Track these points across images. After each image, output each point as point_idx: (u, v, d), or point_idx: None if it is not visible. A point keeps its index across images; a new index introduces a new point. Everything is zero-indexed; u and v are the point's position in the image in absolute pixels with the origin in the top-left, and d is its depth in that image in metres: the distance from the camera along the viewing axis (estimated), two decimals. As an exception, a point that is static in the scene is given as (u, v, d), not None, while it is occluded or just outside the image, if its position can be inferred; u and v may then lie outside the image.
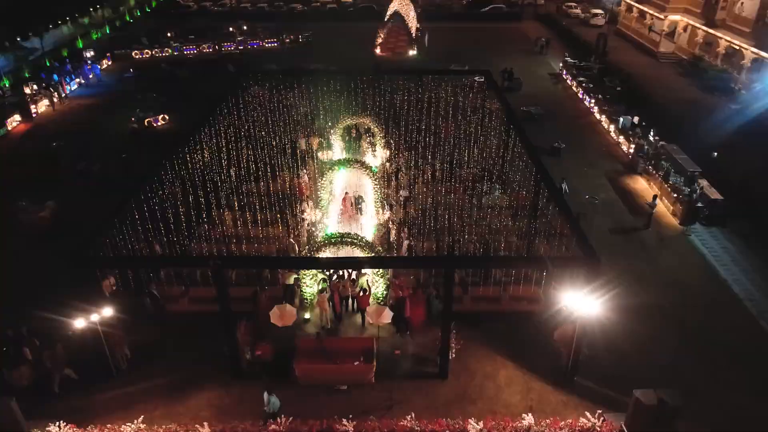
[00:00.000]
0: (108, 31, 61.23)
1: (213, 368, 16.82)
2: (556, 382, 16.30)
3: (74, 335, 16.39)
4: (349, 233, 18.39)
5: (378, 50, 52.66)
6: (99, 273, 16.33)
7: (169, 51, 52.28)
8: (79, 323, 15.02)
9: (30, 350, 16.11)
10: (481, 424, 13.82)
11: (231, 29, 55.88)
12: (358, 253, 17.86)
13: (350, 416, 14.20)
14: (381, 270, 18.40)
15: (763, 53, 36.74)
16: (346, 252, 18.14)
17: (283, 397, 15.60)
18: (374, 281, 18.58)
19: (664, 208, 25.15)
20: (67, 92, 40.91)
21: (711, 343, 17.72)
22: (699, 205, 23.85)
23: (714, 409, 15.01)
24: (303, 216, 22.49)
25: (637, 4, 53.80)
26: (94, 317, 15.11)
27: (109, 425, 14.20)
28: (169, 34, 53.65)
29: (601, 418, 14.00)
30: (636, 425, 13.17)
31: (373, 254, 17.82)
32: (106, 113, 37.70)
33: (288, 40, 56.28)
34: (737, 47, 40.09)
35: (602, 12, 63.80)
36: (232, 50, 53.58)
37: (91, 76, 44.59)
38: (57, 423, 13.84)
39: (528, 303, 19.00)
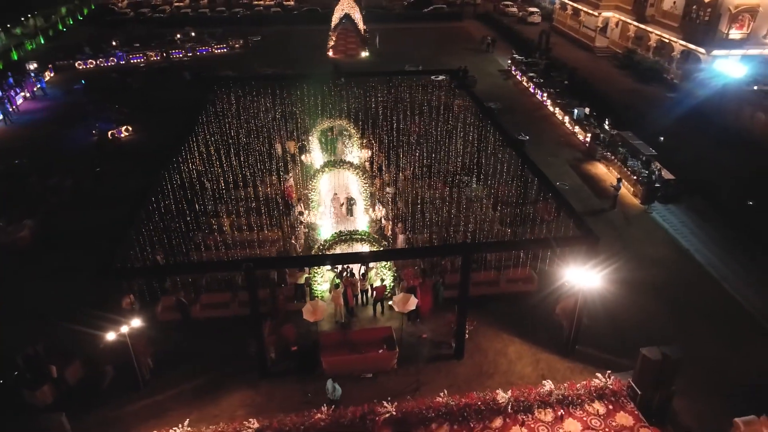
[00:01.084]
0: (42, 41, 58.46)
1: (238, 370, 17.26)
2: (560, 352, 17.91)
3: (93, 349, 16.47)
4: (357, 230, 19.28)
5: (330, 53, 53.35)
6: (123, 286, 16.40)
7: (115, 60, 50.71)
8: (110, 336, 15.11)
9: (55, 368, 15.96)
10: (509, 393, 15.12)
11: (179, 36, 54.80)
12: (367, 248, 18.78)
13: (388, 398, 15.12)
14: (389, 263, 19.39)
15: (691, 45, 40.48)
16: (355, 248, 19.03)
17: (316, 390, 16.40)
18: (382, 274, 19.54)
19: (625, 190, 27.54)
20: (15, 107, 39.06)
21: (684, 305, 19.92)
22: (656, 185, 26.35)
23: (695, 362, 17.02)
24: (300, 219, 23.06)
25: (571, 3, 57.28)
26: (124, 329, 15.25)
27: (155, 431, 14.41)
28: (114, 43, 51.94)
29: (611, 378, 15.67)
30: (643, 380, 14.89)
31: (381, 248, 18.81)
32: (61, 127, 36.38)
33: (237, 45, 55.93)
34: (667, 40, 43.87)
35: (538, 10, 67.33)
36: (182, 57, 52.66)
37: (36, 89, 42.68)
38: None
39: (523, 284, 20.62)
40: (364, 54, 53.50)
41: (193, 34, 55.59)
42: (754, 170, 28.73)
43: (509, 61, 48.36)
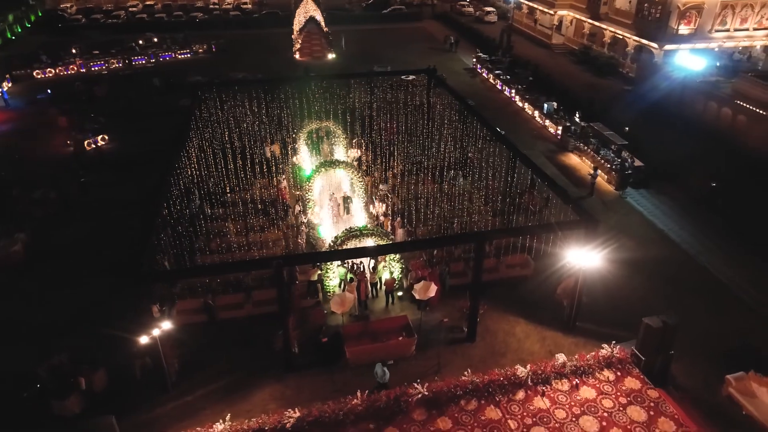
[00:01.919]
0: (-8, 51, 56.02)
1: (263, 366, 17.77)
2: (563, 328, 19.29)
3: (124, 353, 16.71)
4: (366, 226, 20.11)
5: (297, 55, 53.68)
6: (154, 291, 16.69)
7: (75, 68, 49.35)
8: (143, 339, 15.38)
9: (84, 379, 16.05)
10: (527, 367, 16.31)
11: (141, 42, 53.78)
12: (378, 242, 19.61)
13: (418, 380, 16.04)
14: (396, 255, 20.28)
15: (644, 41, 43.19)
16: (365, 243, 19.82)
17: (342, 379, 17.14)
18: (390, 267, 20.43)
19: (600, 178, 29.40)
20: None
21: (667, 280, 21.72)
22: (629, 172, 28.31)
23: (683, 329, 18.62)
24: (302, 219, 23.62)
25: (528, 2, 59.64)
26: (156, 332, 15.54)
27: (198, 428, 14.80)
28: (74, 50, 50.50)
29: (616, 347, 17.12)
30: (646, 347, 16.39)
31: (389, 242, 19.69)
32: (30, 139, 35.39)
33: (201, 50, 55.42)
34: (621, 36, 46.57)
35: (494, 9, 69.61)
36: (145, 63, 51.74)
37: (-4, 100, 41.19)
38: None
39: (521, 269, 21.95)
40: (331, 56, 54.07)
41: (155, 39, 54.62)
42: (713, 155, 31.23)
43: (474, 60, 50.05)
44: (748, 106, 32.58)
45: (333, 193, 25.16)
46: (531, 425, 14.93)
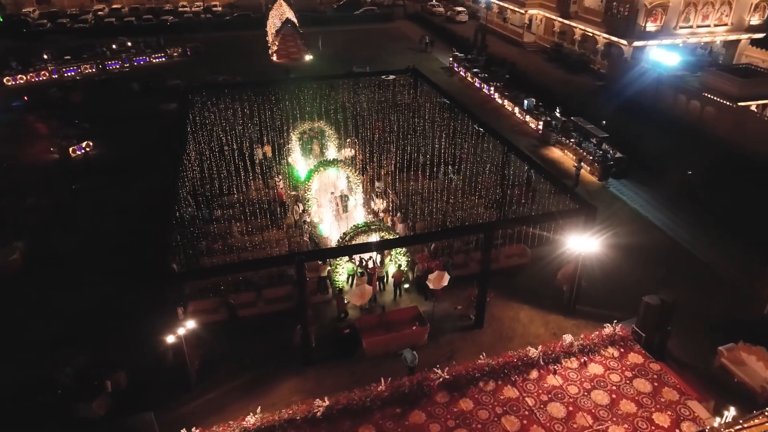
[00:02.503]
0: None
1: (280, 362, 18.21)
2: (564, 312, 20.36)
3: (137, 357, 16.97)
4: (373, 221, 20.76)
5: (275, 57, 53.78)
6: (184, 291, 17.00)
7: (47, 74, 48.31)
8: (169, 338, 15.66)
9: (111, 382, 16.22)
10: (538, 348, 17.26)
11: (114, 46, 52.96)
12: (384, 236, 20.28)
13: (437, 365, 16.78)
14: (403, 249, 21.00)
15: (613, 38, 45.07)
16: (372, 238, 20.46)
17: (360, 370, 17.76)
18: (397, 260, 21.13)
19: (583, 170, 30.74)
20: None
21: (654, 262, 23.04)
22: (611, 163, 29.74)
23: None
24: (305, 218, 24.06)
25: (498, 2, 61.17)
26: (181, 331, 15.84)
27: (231, 421, 15.18)
28: (45, 56, 49.40)
29: (618, 326, 18.24)
30: (646, 324, 17.56)
31: (396, 236, 20.41)
32: (11, 147, 34.67)
33: (176, 54, 54.93)
34: (591, 34, 48.41)
35: (464, 9, 71.04)
36: (119, 68, 51.00)
37: (-33, 108, 40.06)
38: (192, 429, 14.54)
39: (518, 258, 22.96)
40: (308, 57, 54.36)
41: (129, 44, 53.85)
42: (685, 145, 32.99)
43: (450, 59, 51.15)
44: (714, 98, 34.52)
45: (332, 192, 25.66)
46: (547, 401, 15.87)
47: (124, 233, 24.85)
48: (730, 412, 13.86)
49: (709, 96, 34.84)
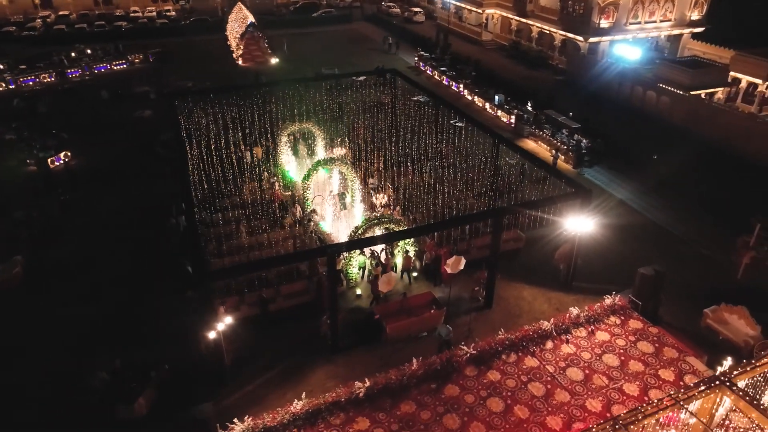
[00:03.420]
0: None
1: (307, 352, 19.01)
2: (563, 289, 22.08)
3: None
4: (383, 214, 21.84)
5: (240, 61, 53.75)
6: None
7: (4, 85, 46.55)
8: (211, 335, 16.24)
9: (156, 376, 16.63)
10: (550, 321, 18.82)
11: (73, 54, 51.51)
12: (394, 228, 21.39)
13: (462, 342, 18.05)
14: (410, 239, 22.17)
15: (570, 35, 47.78)
16: (382, 230, 21.54)
17: (386, 354, 18.81)
18: (405, 248, 22.28)
19: (559, 158, 32.82)
20: None
21: (635, 240, 25.20)
22: (584, 151, 31.92)
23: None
24: (310, 217, 24.77)
25: (455, 2, 63.21)
26: (220, 326, 16.44)
27: (279, 408, 15.89)
28: (1, 66, 47.57)
29: (617, 296, 20.06)
30: (642, 293, 19.44)
31: (407, 227, 21.57)
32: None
33: (137, 60, 53.97)
34: (548, 32, 51.04)
35: (421, 10, 72.84)
36: (80, 76, 49.68)
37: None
38: (244, 419, 15.18)
39: (514, 242, 24.53)
40: (274, 60, 54.62)
41: (88, 51, 52.49)
42: (647, 132, 35.72)
43: (416, 58, 52.64)
44: (669, 88, 37.46)
45: (331, 191, 26.48)
46: (565, 367, 17.42)
47: (125, 239, 24.99)
48: (727, 362, 15.86)
49: (664, 86, 37.74)
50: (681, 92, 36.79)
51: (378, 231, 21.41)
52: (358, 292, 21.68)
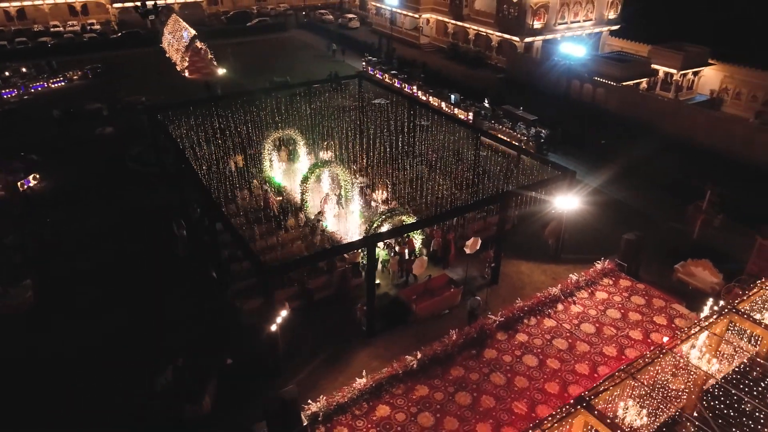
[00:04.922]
0: None
1: (345, 338, 20.51)
2: (554, 260, 24.96)
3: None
4: (394, 208, 23.71)
5: (186, 73, 53.29)
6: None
7: (-69, 109, 43.56)
8: (272, 327, 17.42)
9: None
10: (557, 287, 21.53)
11: (7, 74, 48.86)
12: (407, 220, 23.31)
13: (488, 313, 20.30)
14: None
15: (506, 36, 51.75)
16: (395, 223, 23.38)
17: (420, 332, 20.65)
18: (413, 236, 24.27)
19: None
20: None
21: (601, 214, 28.63)
22: (542, 140, 35.36)
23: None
24: (319, 218, 26.02)
25: (390, 8, 65.83)
26: (278, 319, 17.66)
27: (345, 386, 17.33)
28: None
29: (606, 261, 23.15)
30: (627, 256, 22.64)
31: (417, 219, 23.58)
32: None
33: (76, 77, 52.05)
34: (484, 33, 54.82)
35: (355, 16, 74.89)
36: (18, 96, 47.29)
37: None
38: (316, 401, 16.53)
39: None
40: (221, 71, 54.59)
41: (24, 70, 49.97)
42: (590, 121, 39.91)
43: (364, 63, 54.63)
44: (603, 80, 41.98)
45: (327, 193, 27.86)
46: (578, 323, 20.18)
47: (129, 252, 25.41)
48: (709, 302, 19.20)
49: (599, 80, 42.23)
50: (613, 84, 41.38)
51: (387, 225, 23.20)
52: (377, 281, 23.35)
